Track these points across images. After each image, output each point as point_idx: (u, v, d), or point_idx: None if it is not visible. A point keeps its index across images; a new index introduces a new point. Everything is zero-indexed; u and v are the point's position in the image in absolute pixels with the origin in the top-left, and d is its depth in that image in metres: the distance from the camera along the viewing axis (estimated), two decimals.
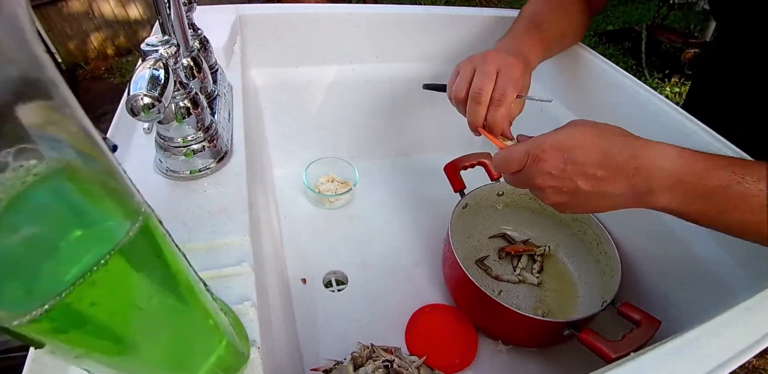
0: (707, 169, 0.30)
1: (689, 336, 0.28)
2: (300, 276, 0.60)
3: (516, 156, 0.34)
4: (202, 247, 0.29)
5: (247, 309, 0.26)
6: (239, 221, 0.31)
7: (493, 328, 0.54)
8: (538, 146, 0.33)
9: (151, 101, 0.25)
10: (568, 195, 0.34)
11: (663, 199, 0.32)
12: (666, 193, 0.31)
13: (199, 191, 0.33)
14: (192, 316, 0.15)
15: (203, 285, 0.16)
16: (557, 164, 0.32)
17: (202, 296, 0.15)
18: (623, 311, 0.45)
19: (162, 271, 0.13)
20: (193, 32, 0.40)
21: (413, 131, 0.78)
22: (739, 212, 0.30)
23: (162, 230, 0.13)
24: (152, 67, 0.27)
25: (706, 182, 0.30)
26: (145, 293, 0.12)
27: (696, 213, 0.32)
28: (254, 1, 2.53)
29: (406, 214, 0.71)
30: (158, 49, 0.29)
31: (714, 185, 0.30)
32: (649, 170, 0.31)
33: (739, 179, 0.30)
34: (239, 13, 0.58)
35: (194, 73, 0.36)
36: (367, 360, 0.50)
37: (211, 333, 0.16)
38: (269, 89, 0.64)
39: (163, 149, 0.33)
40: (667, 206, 0.32)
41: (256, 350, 0.24)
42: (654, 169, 0.31)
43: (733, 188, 0.30)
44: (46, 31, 2.05)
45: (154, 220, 0.12)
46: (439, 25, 0.66)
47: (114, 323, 0.12)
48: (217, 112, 0.37)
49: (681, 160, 0.31)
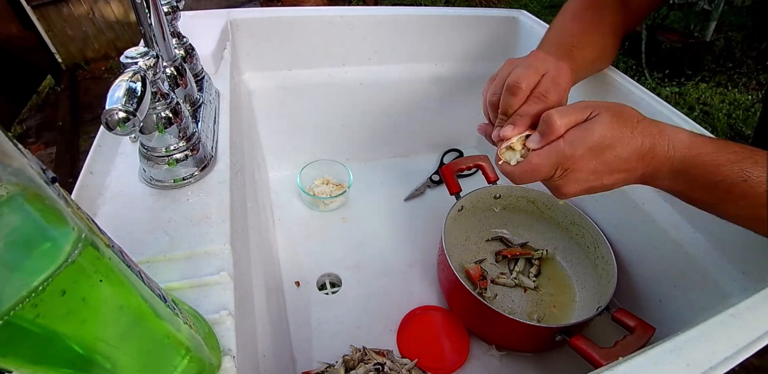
0: (715, 163, 0.30)
1: (674, 342, 0.28)
2: (294, 279, 0.60)
3: (544, 170, 0.33)
4: (183, 256, 0.30)
5: (224, 318, 0.26)
6: (220, 230, 0.31)
7: (486, 332, 0.53)
8: (570, 158, 0.31)
9: (126, 115, 0.25)
10: (587, 190, 0.34)
11: (666, 183, 0.33)
12: (670, 179, 0.32)
13: (182, 200, 0.33)
14: (145, 336, 0.15)
15: (164, 301, 0.17)
16: (589, 172, 0.32)
17: (158, 314, 0.15)
18: (617, 317, 0.45)
19: (107, 295, 0.13)
20: (177, 41, 0.40)
21: (408, 132, 0.78)
22: (739, 206, 0.31)
23: (108, 254, 0.13)
24: (129, 79, 0.27)
25: (710, 177, 0.30)
26: (90, 317, 0.12)
27: (695, 199, 0.33)
28: (252, 5, 2.54)
29: (400, 216, 0.71)
30: (137, 61, 0.29)
31: (718, 180, 0.30)
32: (661, 160, 0.31)
33: (745, 177, 0.30)
34: (230, 17, 0.58)
35: (177, 82, 0.36)
36: (358, 362, 0.50)
37: (171, 350, 0.16)
38: (262, 93, 0.65)
39: (146, 158, 0.33)
40: (668, 188, 0.33)
41: (231, 359, 0.24)
42: (665, 158, 0.31)
43: (737, 185, 0.30)
44: (46, 32, 2.08)
45: (98, 244, 0.12)
46: (432, 27, 0.66)
47: (59, 347, 0.12)
48: (201, 120, 0.38)
49: (691, 151, 0.31)
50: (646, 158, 0.31)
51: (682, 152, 0.31)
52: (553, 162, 0.32)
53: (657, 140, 0.31)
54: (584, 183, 0.33)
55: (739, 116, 1.83)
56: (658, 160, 0.31)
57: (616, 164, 0.31)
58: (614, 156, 0.31)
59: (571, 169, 0.32)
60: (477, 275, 0.58)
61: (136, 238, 0.30)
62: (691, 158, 0.31)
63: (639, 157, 0.31)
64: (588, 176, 0.32)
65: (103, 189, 0.34)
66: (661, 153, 0.31)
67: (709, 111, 1.87)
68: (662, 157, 0.31)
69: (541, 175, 0.33)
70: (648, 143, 0.31)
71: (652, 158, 0.31)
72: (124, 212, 0.32)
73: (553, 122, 0.32)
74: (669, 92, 2.00)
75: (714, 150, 0.31)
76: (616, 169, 0.32)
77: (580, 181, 0.33)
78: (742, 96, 1.95)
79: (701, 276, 0.44)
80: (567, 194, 0.34)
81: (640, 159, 0.31)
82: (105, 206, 0.33)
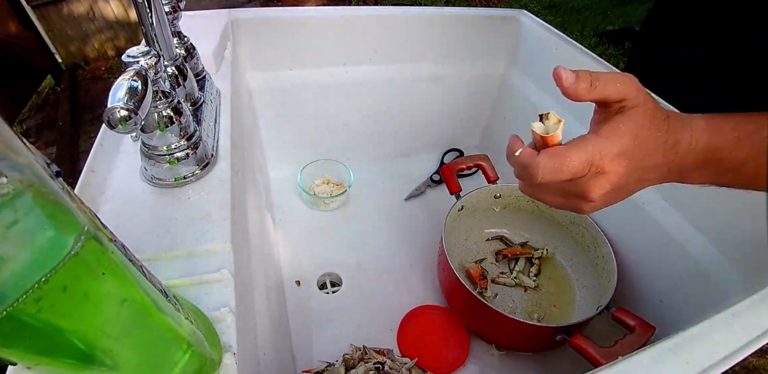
0: (738, 139, 0.29)
1: (673, 341, 0.28)
2: (294, 278, 0.60)
3: (573, 167, 0.28)
4: (184, 254, 0.30)
5: (224, 315, 0.26)
6: (222, 228, 0.31)
7: (486, 332, 0.54)
8: (604, 157, 0.28)
9: (127, 113, 0.25)
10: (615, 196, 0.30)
11: (693, 176, 0.31)
12: (696, 171, 0.30)
13: (183, 198, 0.33)
14: (147, 330, 0.15)
15: (165, 296, 0.17)
16: (621, 176, 0.29)
17: (160, 308, 0.15)
18: (618, 316, 0.45)
19: (109, 289, 0.13)
20: (178, 40, 0.40)
21: (408, 132, 0.78)
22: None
23: (110, 248, 0.13)
24: (131, 78, 0.27)
25: (735, 155, 0.29)
26: (92, 310, 0.13)
27: (727, 182, 0.31)
28: (252, 5, 2.54)
29: (401, 216, 0.71)
30: (139, 61, 0.29)
31: (743, 157, 0.29)
32: (685, 154, 0.29)
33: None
34: (231, 17, 0.58)
35: (179, 81, 0.36)
36: (359, 361, 0.50)
37: (173, 344, 0.16)
38: (263, 93, 0.65)
39: (147, 157, 0.33)
40: (697, 181, 0.31)
41: (232, 356, 0.24)
42: (688, 151, 0.29)
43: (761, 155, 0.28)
44: (46, 32, 2.08)
45: (101, 238, 0.13)
46: (433, 27, 0.66)
47: (61, 340, 0.12)
48: (202, 119, 0.38)
49: (710, 134, 0.29)
50: (672, 158, 0.29)
51: (702, 139, 0.29)
52: (586, 157, 0.28)
53: (680, 135, 0.29)
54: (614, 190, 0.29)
55: None
56: (682, 155, 0.30)
57: (648, 169, 0.29)
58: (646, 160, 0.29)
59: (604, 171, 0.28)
60: (477, 274, 0.58)
61: (137, 236, 0.30)
62: (711, 142, 0.29)
63: (665, 159, 0.29)
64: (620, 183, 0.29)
65: (104, 188, 0.34)
66: (684, 148, 0.29)
67: None
68: (686, 151, 0.29)
69: (570, 171, 0.28)
70: (671, 141, 0.29)
71: (676, 152, 0.29)
72: (126, 211, 0.32)
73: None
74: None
75: (733, 126, 0.29)
76: (647, 177, 0.30)
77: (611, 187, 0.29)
78: None
79: (701, 276, 0.44)
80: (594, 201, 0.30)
81: (666, 161, 0.29)
82: (106, 205, 0.33)
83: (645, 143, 0.28)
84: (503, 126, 0.76)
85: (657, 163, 0.29)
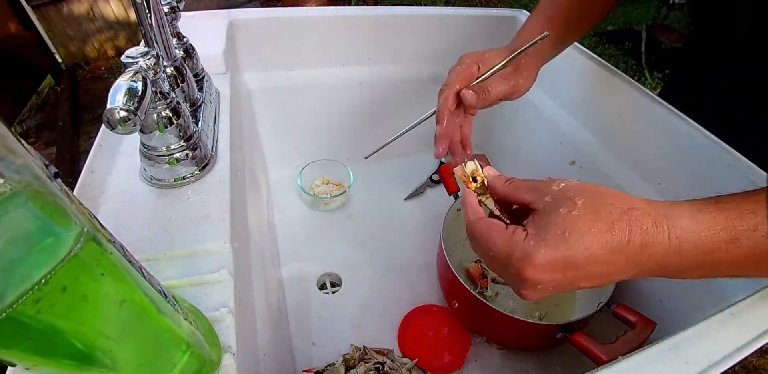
0: (733, 240, 0.24)
1: (673, 341, 0.28)
2: (294, 279, 0.60)
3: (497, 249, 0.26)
4: (184, 254, 0.30)
5: (224, 315, 0.26)
6: (221, 229, 0.31)
7: (486, 331, 0.54)
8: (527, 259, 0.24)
9: (126, 114, 0.25)
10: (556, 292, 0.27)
11: (686, 275, 0.26)
12: (688, 272, 0.26)
13: (183, 198, 0.33)
14: (146, 331, 0.15)
15: (164, 297, 0.17)
16: (552, 281, 0.25)
17: (159, 309, 0.15)
18: (618, 312, 0.45)
19: (108, 289, 0.13)
20: (178, 41, 0.40)
21: (408, 132, 0.78)
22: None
23: (109, 249, 0.13)
24: (130, 79, 0.27)
25: (731, 257, 0.25)
26: (91, 311, 0.13)
27: (732, 275, 0.27)
28: (252, 5, 2.54)
29: (401, 216, 0.71)
30: (138, 61, 0.29)
31: (741, 255, 0.25)
32: (663, 257, 0.25)
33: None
34: (231, 17, 0.58)
35: (178, 82, 0.36)
36: (359, 361, 0.50)
37: (172, 345, 0.16)
38: (263, 93, 0.65)
39: (146, 157, 0.33)
40: (696, 277, 0.27)
41: (231, 356, 0.24)
42: (669, 255, 0.25)
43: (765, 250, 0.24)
44: (46, 32, 2.08)
45: (100, 240, 0.13)
46: (433, 27, 0.66)
47: (60, 341, 0.12)
48: (201, 120, 0.38)
49: (696, 236, 0.25)
50: (639, 259, 0.25)
51: (689, 243, 0.25)
52: (508, 248, 0.25)
53: (652, 235, 0.24)
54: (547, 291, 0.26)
55: None
56: (660, 257, 0.25)
57: (592, 271, 0.25)
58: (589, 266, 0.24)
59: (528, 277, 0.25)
60: (477, 274, 0.58)
61: (136, 236, 0.30)
62: (703, 244, 0.25)
63: (627, 258, 0.25)
64: (555, 284, 0.25)
65: (104, 188, 0.34)
66: (661, 251, 0.25)
67: None
68: (666, 253, 0.25)
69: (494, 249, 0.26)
70: (638, 240, 0.24)
71: (648, 256, 0.25)
72: (125, 211, 0.32)
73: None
74: None
75: (724, 222, 0.25)
76: (596, 275, 0.25)
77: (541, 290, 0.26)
78: None
79: None
80: (525, 297, 0.27)
81: (629, 260, 0.25)
82: (106, 205, 0.33)
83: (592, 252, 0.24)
84: (502, 126, 0.76)
85: (617, 269, 0.25)
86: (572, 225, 0.24)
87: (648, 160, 0.50)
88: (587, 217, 0.24)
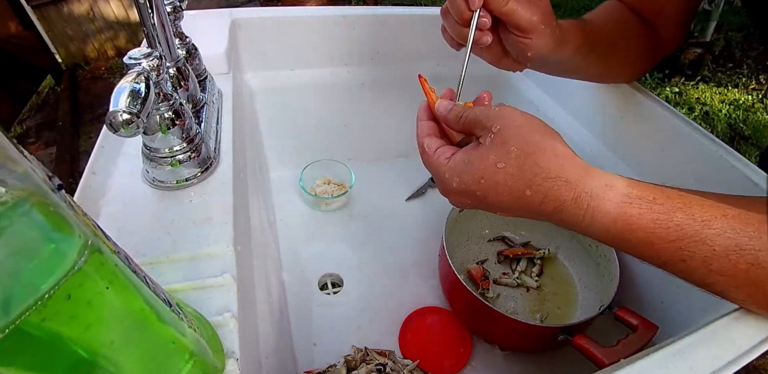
0: (647, 240, 0.25)
1: (677, 346, 0.28)
2: (296, 279, 0.60)
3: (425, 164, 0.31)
4: (186, 257, 0.29)
5: (227, 320, 0.26)
6: (224, 231, 0.31)
7: (488, 333, 0.53)
8: (441, 184, 0.30)
9: (129, 117, 0.25)
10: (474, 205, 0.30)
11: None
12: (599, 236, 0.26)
13: (185, 200, 0.33)
14: (150, 341, 0.15)
15: (168, 306, 0.16)
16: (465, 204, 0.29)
17: (162, 319, 0.15)
18: (620, 315, 0.45)
19: (112, 300, 0.13)
20: (180, 41, 0.40)
21: (409, 132, 0.77)
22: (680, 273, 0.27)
23: (114, 261, 0.13)
24: (133, 81, 0.27)
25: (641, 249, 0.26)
26: (95, 321, 0.12)
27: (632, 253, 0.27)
28: (252, 4, 2.53)
29: (402, 216, 0.71)
30: (141, 63, 0.29)
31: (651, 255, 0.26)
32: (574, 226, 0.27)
33: (684, 257, 0.26)
34: (233, 17, 0.58)
35: (180, 82, 0.36)
36: (360, 363, 0.50)
37: (176, 354, 0.16)
38: (264, 93, 0.65)
39: (149, 159, 0.33)
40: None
41: (235, 362, 0.24)
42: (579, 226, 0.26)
43: (675, 264, 0.26)
44: (46, 32, 2.07)
45: (104, 251, 0.12)
46: (434, 27, 0.65)
47: (63, 351, 0.12)
48: (204, 121, 0.38)
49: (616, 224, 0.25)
50: (550, 218, 0.27)
51: (603, 224, 0.25)
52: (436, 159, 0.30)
53: (569, 208, 0.25)
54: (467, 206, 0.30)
55: (739, 116, 1.83)
56: (566, 224, 0.26)
57: (497, 209, 0.28)
58: (496, 204, 0.27)
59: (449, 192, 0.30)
60: (479, 275, 0.58)
61: (138, 239, 0.30)
62: (616, 231, 0.25)
63: (537, 214, 0.27)
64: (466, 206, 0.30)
65: (105, 190, 0.34)
66: (569, 219, 0.26)
67: (709, 111, 1.87)
68: (570, 222, 0.26)
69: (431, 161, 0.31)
70: (551, 206, 0.25)
71: (558, 220, 0.26)
72: (127, 213, 0.32)
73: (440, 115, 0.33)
74: (669, 92, 2.00)
75: (649, 224, 0.25)
76: (501, 211, 0.28)
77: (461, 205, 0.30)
78: (742, 96, 1.95)
79: None
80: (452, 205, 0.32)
81: (539, 215, 0.27)
82: (107, 207, 0.33)
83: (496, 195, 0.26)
84: None
85: (525, 216, 0.27)
86: (492, 175, 0.26)
87: (649, 161, 0.50)
88: (508, 172, 0.25)
